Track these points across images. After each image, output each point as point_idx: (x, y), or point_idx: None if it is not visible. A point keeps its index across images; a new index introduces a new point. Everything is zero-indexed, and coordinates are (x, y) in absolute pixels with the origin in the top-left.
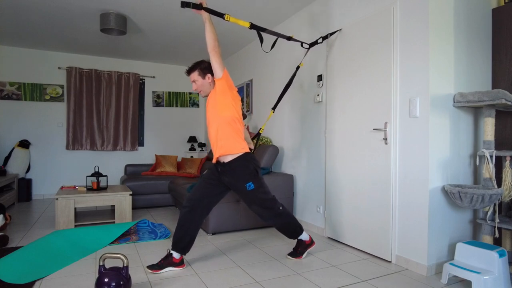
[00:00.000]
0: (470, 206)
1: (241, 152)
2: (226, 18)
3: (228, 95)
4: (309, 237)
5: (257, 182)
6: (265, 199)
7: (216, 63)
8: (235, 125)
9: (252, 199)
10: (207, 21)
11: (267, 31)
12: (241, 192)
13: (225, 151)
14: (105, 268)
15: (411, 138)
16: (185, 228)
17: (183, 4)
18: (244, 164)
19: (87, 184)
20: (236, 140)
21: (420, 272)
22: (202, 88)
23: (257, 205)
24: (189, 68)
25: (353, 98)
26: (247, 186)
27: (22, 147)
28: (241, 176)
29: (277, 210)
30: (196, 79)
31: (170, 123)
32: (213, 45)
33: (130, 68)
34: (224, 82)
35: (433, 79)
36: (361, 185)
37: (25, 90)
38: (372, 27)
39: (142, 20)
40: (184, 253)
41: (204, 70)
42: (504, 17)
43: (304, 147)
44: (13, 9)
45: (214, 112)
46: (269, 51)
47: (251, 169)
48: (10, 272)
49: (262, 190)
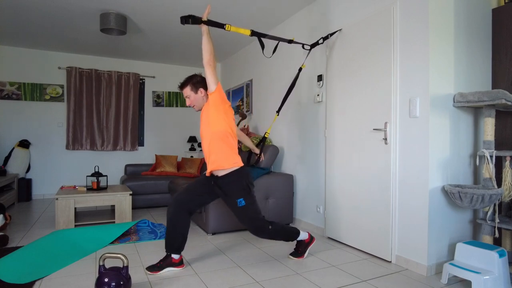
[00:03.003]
0: (470, 206)
1: (234, 167)
2: (227, 28)
3: (220, 109)
4: (308, 235)
5: (248, 199)
6: (255, 219)
7: (210, 77)
8: (227, 140)
9: (242, 215)
10: (205, 34)
11: (267, 36)
12: (232, 207)
13: (217, 166)
14: (105, 268)
15: (411, 138)
16: (175, 229)
17: (182, 21)
18: (236, 180)
19: (87, 184)
20: (229, 154)
21: (420, 272)
22: (195, 103)
23: (246, 222)
24: (181, 83)
25: (353, 98)
26: (238, 202)
27: (22, 147)
28: (233, 191)
29: (267, 230)
30: (188, 94)
31: (170, 123)
32: (208, 59)
33: (130, 68)
34: (217, 96)
35: (433, 79)
36: (361, 185)
37: (25, 90)
38: (372, 27)
39: (142, 20)
40: (179, 253)
41: (196, 85)
42: (504, 17)
43: (304, 147)
44: (13, 9)
45: (207, 126)
46: (271, 56)
47: (244, 185)
48: (10, 272)
49: (253, 208)
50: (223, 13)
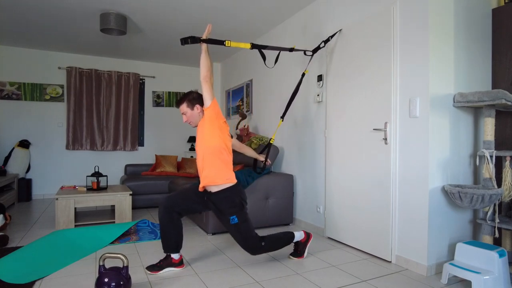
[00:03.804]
0: (470, 206)
1: (227, 183)
2: (226, 44)
3: (215, 124)
4: (304, 234)
5: (241, 217)
6: (248, 237)
7: (206, 93)
8: (221, 155)
9: (234, 233)
10: (204, 52)
11: (268, 47)
12: (224, 224)
13: (209, 182)
14: (105, 268)
15: (411, 138)
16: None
17: (182, 42)
18: (229, 196)
19: (87, 184)
20: (222, 170)
21: (420, 272)
22: (192, 119)
23: (239, 240)
24: (178, 100)
25: (353, 98)
26: (230, 219)
27: (22, 147)
28: (226, 208)
29: (260, 247)
30: (185, 111)
31: (170, 123)
32: (205, 75)
33: (130, 68)
34: (212, 112)
35: (433, 79)
36: (361, 185)
37: (25, 90)
38: (372, 27)
39: (142, 20)
40: (177, 251)
41: (193, 101)
42: (504, 17)
43: (304, 147)
44: (13, 9)
45: (201, 141)
46: (273, 66)
47: (237, 203)
48: (10, 272)
49: (246, 226)
50: (223, 13)
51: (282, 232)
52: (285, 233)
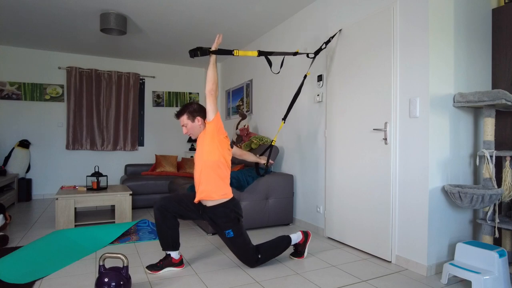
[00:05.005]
0: (470, 206)
1: (222, 199)
2: (235, 54)
3: (215, 139)
4: (301, 235)
5: (237, 231)
6: (244, 250)
7: (210, 106)
8: (219, 170)
9: (231, 246)
10: (212, 64)
11: (274, 53)
12: (221, 237)
13: (205, 196)
14: (105, 268)
15: (411, 138)
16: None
17: (191, 54)
18: (224, 211)
19: (87, 184)
20: (219, 185)
21: (420, 272)
22: (192, 131)
23: (236, 253)
24: (178, 112)
25: (353, 98)
26: (226, 233)
27: (22, 147)
28: (221, 223)
29: (257, 259)
30: (185, 123)
31: (170, 123)
32: (211, 88)
33: (130, 68)
34: (214, 126)
35: (433, 79)
36: (361, 185)
37: (25, 90)
38: (372, 27)
39: (142, 20)
40: (176, 249)
41: (193, 113)
42: (504, 17)
43: (304, 147)
44: (13, 9)
45: (200, 154)
46: (278, 72)
47: (232, 217)
48: (10, 272)
49: (242, 240)
50: (223, 13)
51: (279, 237)
52: (282, 238)
